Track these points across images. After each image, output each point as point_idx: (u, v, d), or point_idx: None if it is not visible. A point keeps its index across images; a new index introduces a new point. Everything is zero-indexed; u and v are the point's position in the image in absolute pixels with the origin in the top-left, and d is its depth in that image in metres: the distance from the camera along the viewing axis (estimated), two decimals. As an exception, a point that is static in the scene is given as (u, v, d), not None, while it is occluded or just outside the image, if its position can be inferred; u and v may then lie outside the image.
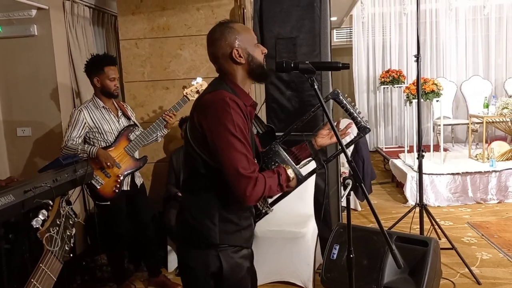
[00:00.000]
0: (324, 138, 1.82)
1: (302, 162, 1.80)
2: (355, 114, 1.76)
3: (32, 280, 1.11)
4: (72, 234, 1.26)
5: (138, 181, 3.31)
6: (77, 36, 4.00)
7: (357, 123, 1.77)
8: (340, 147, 1.61)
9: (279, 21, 3.46)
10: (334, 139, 1.79)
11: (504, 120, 5.44)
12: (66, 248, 1.22)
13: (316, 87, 1.58)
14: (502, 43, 7.82)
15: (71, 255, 1.23)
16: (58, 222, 1.20)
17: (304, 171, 1.74)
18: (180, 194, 3.84)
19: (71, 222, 1.26)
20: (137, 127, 3.29)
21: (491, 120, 5.59)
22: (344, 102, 1.76)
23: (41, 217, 1.17)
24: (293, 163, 1.72)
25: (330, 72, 3.51)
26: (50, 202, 1.23)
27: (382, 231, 1.61)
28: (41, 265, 1.13)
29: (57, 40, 3.75)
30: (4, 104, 3.81)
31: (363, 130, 1.77)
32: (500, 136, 6.68)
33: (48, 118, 3.76)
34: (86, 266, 3.53)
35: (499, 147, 5.52)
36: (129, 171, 3.15)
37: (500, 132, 6.30)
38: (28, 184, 2.27)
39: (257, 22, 3.54)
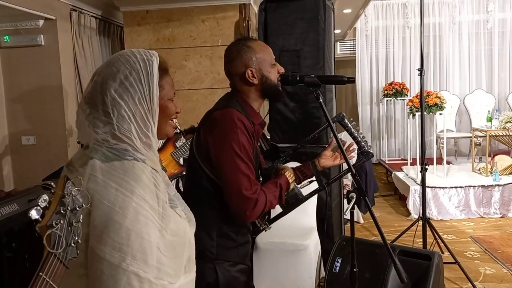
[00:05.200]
0: (327, 159, 1.79)
1: (304, 182, 1.79)
2: (359, 139, 1.76)
3: None
4: (80, 226, 0.92)
5: (182, 188, 3.37)
6: (83, 46, 4.04)
7: (360, 148, 1.77)
8: (344, 167, 1.62)
9: (284, 33, 3.48)
10: (337, 161, 1.77)
11: (508, 134, 5.43)
12: (73, 245, 0.88)
13: (321, 100, 1.58)
14: (505, 57, 7.83)
15: (78, 252, 0.89)
16: (62, 212, 0.86)
17: (305, 191, 1.75)
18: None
19: (78, 208, 0.89)
20: (182, 136, 3.39)
21: (494, 134, 5.59)
22: (349, 125, 1.77)
23: (41, 204, 0.86)
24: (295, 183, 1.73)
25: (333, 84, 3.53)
26: (52, 184, 0.87)
27: (386, 244, 1.60)
28: (41, 274, 0.85)
29: (63, 50, 3.78)
30: (9, 113, 3.83)
31: (366, 155, 1.77)
32: (503, 150, 6.66)
33: (53, 127, 3.77)
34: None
35: (502, 161, 5.51)
36: (174, 175, 3.26)
37: (504, 146, 6.28)
38: (33, 193, 2.28)
39: (261, 34, 3.56)
